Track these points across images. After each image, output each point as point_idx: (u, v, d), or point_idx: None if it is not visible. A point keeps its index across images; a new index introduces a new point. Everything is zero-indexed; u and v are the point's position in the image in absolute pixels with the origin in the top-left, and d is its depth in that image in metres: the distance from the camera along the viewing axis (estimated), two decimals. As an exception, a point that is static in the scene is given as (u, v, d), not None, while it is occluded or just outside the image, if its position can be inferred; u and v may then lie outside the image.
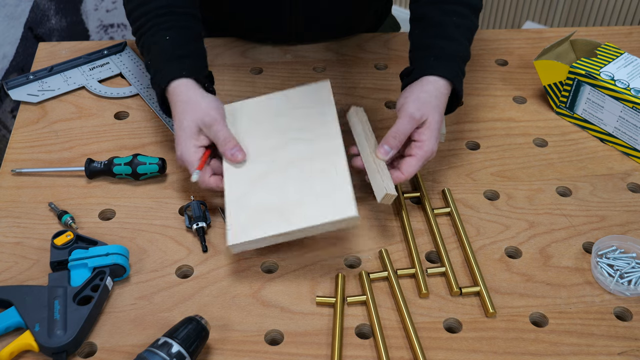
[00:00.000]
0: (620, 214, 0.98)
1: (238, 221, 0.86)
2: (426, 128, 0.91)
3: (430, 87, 0.93)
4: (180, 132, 0.92)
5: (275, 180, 0.89)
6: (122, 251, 0.88)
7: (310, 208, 0.85)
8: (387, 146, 0.90)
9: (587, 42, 1.16)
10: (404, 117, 0.91)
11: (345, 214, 0.83)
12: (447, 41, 0.97)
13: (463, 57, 0.99)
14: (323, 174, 0.88)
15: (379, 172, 0.89)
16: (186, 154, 0.91)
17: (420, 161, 0.91)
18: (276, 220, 0.85)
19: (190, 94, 0.94)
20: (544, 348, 0.82)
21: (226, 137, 0.92)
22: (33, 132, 1.08)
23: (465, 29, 1.00)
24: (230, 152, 0.91)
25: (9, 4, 1.37)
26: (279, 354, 0.81)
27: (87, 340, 0.82)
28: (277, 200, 0.87)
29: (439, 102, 0.93)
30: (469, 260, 0.91)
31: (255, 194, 0.89)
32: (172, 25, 0.99)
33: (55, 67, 1.18)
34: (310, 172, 0.89)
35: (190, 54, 0.98)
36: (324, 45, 1.26)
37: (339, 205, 0.84)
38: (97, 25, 1.74)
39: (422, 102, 0.91)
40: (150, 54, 0.99)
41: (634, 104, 1.03)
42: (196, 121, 0.92)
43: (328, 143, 0.91)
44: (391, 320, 0.85)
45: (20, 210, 0.96)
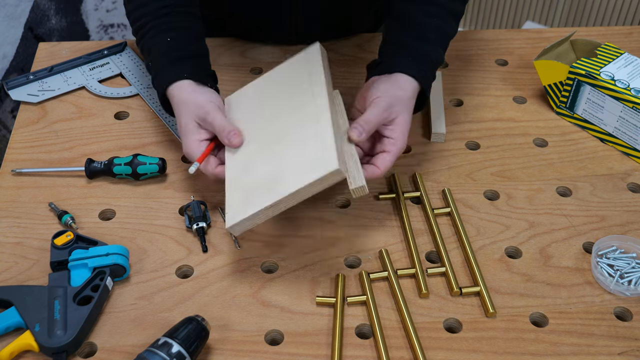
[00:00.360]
0: (620, 214, 0.98)
1: (234, 203, 0.87)
2: (397, 125, 0.91)
3: (406, 86, 0.93)
4: (182, 131, 0.93)
5: (265, 157, 0.89)
6: (122, 251, 0.88)
7: (295, 173, 0.84)
8: (360, 127, 0.89)
9: (587, 42, 1.16)
10: (377, 108, 0.90)
11: (326, 169, 0.81)
12: (423, 43, 0.97)
13: (436, 61, 0.98)
14: (307, 138, 0.87)
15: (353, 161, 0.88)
16: (189, 149, 0.92)
17: (394, 157, 0.90)
18: (266, 193, 0.84)
19: (185, 94, 0.94)
20: (544, 348, 0.82)
21: (221, 124, 0.92)
22: (33, 132, 1.08)
23: (443, 34, 0.99)
24: (227, 138, 0.91)
25: (9, 4, 1.37)
26: (279, 354, 0.81)
27: (87, 340, 0.82)
28: (267, 174, 0.87)
29: (411, 102, 0.94)
30: (469, 260, 0.91)
31: (248, 174, 0.89)
32: (173, 26, 0.99)
33: (55, 67, 1.18)
34: (296, 139, 0.88)
35: (191, 55, 0.99)
36: (324, 45, 1.26)
37: (320, 162, 0.82)
38: (97, 25, 1.74)
39: (398, 100, 0.91)
40: (151, 55, 0.99)
41: (634, 104, 1.03)
42: (192, 117, 0.93)
43: (314, 106, 0.90)
44: (391, 320, 0.85)
45: (20, 210, 0.96)
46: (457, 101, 1.16)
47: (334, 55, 1.24)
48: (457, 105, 1.15)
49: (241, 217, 0.84)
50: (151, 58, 0.99)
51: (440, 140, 1.08)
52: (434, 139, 1.08)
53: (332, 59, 1.23)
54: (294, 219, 0.96)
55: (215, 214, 0.96)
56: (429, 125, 1.10)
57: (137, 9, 1.01)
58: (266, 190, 0.85)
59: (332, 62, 1.22)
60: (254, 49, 1.25)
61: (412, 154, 1.06)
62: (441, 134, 1.08)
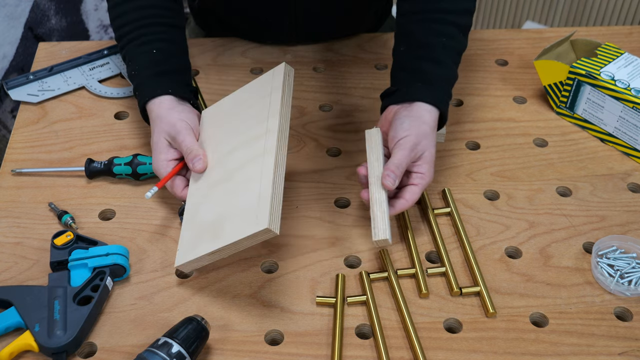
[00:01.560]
0: (621, 214, 0.98)
1: (184, 242, 0.86)
2: (425, 161, 0.90)
3: (428, 118, 0.91)
4: (153, 148, 0.93)
5: (219, 192, 0.86)
6: (122, 251, 0.87)
7: (233, 223, 0.81)
8: (394, 175, 0.87)
9: (587, 42, 1.16)
10: (405, 150, 0.88)
11: (256, 227, 0.77)
12: (434, 65, 0.94)
13: (451, 81, 0.97)
14: (250, 183, 0.82)
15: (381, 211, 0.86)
16: (157, 168, 0.92)
17: (422, 189, 0.90)
18: (209, 239, 0.82)
19: (162, 110, 0.94)
20: (544, 348, 0.82)
21: (188, 147, 0.90)
22: (33, 132, 1.08)
23: (453, 51, 0.97)
24: (192, 163, 0.90)
25: (9, 4, 1.37)
26: (279, 354, 0.81)
27: (87, 341, 0.82)
28: (214, 218, 0.84)
29: (434, 133, 0.92)
30: (469, 260, 0.91)
31: (202, 208, 0.87)
32: (158, 38, 0.99)
33: (55, 67, 1.18)
34: (243, 181, 0.84)
35: (175, 69, 0.99)
36: (324, 45, 1.26)
37: (254, 217, 0.78)
38: (97, 25, 1.74)
39: (423, 136, 0.90)
40: (135, 65, 0.99)
41: (634, 104, 1.03)
42: (163, 135, 0.92)
43: (265, 142, 0.85)
44: (391, 320, 0.85)
45: (20, 210, 0.96)
46: (457, 101, 1.16)
47: (334, 55, 1.24)
48: (457, 105, 1.15)
49: (188, 259, 0.84)
50: (134, 68, 0.99)
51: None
52: (434, 139, 1.08)
53: (332, 59, 1.23)
54: (294, 219, 0.96)
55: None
56: (429, 125, 1.10)
57: (122, 16, 1.00)
58: (211, 235, 0.83)
59: (332, 62, 1.23)
60: (254, 49, 1.25)
61: (412, 154, 1.06)
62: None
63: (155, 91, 0.95)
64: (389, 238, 0.84)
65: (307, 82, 1.18)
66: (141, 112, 0.98)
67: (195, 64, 1.20)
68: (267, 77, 0.92)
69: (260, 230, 0.77)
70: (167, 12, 1.01)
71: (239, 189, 0.84)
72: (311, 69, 1.21)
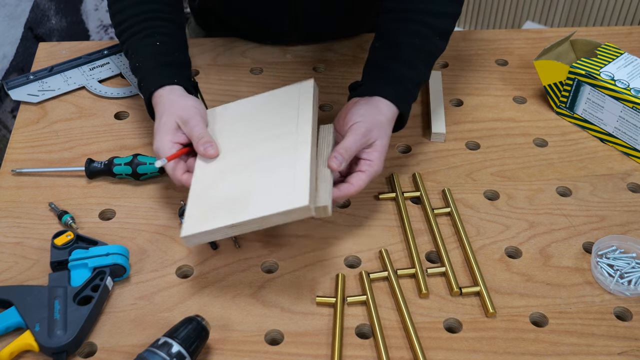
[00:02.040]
0: (620, 214, 0.98)
1: (194, 214, 0.85)
2: (375, 150, 0.90)
3: (385, 110, 0.93)
4: (158, 127, 0.92)
5: (238, 175, 0.88)
6: (122, 251, 0.88)
7: (263, 199, 0.83)
8: (341, 157, 0.88)
9: (587, 42, 1.16)
10: (356, 135, 0.89)
11: (295, 203, 0.79)
12: (401, 64, 0.96)
13: (416, 81, 0.97)
14: (283, 167, 0.85)
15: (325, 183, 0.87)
16: (161, 148, 0.90)
17: (369, 177, 0.90)
18: (229, 212, 0.83)
19: (172, 96, 0.94)
20: (544, 348, 0.82)
21: (200, 133, 0.91)
22: (33, 132, 1.08)
23: (425, 53, 0.98)
24: (203, 147, 0.90)
25: (9, 4, 1.37)
26: (279, 354, 0.81)
27: (87, 340, 0.82)
28: (234, 193, 0.85)
29: (389, 126, 0.93)
30: (469, 260, 0.91)
31: (216, 188, 0.87)
32: (159, 32, 0.99)
33: (55, 67, 1.18)
34: (273, 166, 0.87)
35: (178, 63, 0.99)
36: (324, 45, 1.26)
37: (292, 195, 0.81)
38: (97, 25, 1.74)
39: (376, 124, 0.91)
40: (138, 57, 0.98)
41: (634, 104, 1.03)
42: (174, 117, 0.92)
43: (296, 138, 0.89)
44: (391, 320, 0.85)
45: (20, 210, 0.96)
46: (457, 101, 1.16)
47: (334, 55, 1.24)
48: (457, 105, 1.15)
49: (198, 230, 0.82)
50: (138, 60, 0.98)
51: (440, 140, 1.08)
52: (434, 139, 1.08)
53: (332, 59, 1.23)
54: (294, 219, 0.96)
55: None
56: (429, 125, 1.10)
57: (123, 11, 1.01)
58: (229, 209, 0.83)
59: (332, 62, 1.23)
60: (254, 49, 1.25)
61: (412, 154, 1.06)
62: (441, 134, 1.08)
63: (163, 80, 0.95)
64: (328, 205, 0.83)
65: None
66: (147, 103, 0.97)
67: (195, 64, 1.21)
68: (292, 88, 0.96)
69: (299, 207, 0.79)
70: (168, 7, 1.02)
71: (268, 172, 0.86)
72: (311, 69, 1.21)
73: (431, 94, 1.15)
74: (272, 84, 1.17)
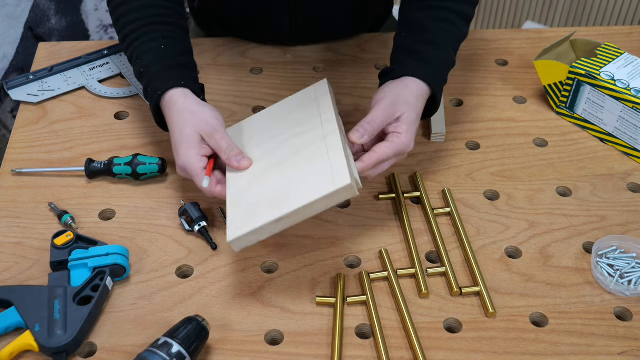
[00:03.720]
0: (621, 214, 0.98)
1: (236, 219, 0.84)
2: (403, 122, 0.89)
3: (412, 87, 0.93)
4: (181, 142, 0.89)
5: (272, 175, 0.88)
6: (122, 251, 0.88)
7: (303, 188, 0.82)
8: (363, 129, 0.87)
9: (587, 42, 1.16)
10: (380, 108, 0.89)
11: (337, 184, 0.80)
12: (432, 47, 0.97)
13: (447, 64, 0.98)
14: (317, 156, 0.86)
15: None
16: (190, 164, 0.88)
17: (394, 148, 0.88)
18: (272, 208, 0.83)
19: (189, 103, 0.91)
20: (544, 348, 0.82)
21: (229, 145, 0.89)
22: (33, 132, 1.08)
23: (452, 37, 0.99)
24: (236, 160, 0.89)
25: (9, 4, 1.37)
26: (279, 354, 0.81)
27: (87, 340, 0.82)
28: (273, 191, 0.85)
29: (418, 103, 0.92)
30: (469, 260, 0.91)
31: (253, 192, 0.87)
32: (165, 36, 0.97)
33: (55, 67, 1.18)
34: (305, 158, 0.87)
35: (186, 65, 0.98)
36: (324, 45, 1.26)
37: (331, 178, 0.81)
38: (97, 25, 1.74)
39: (401, 98, 0.91)
40: (143, 61, 0.96)
41: (634, 104, 1.03)
42: (198, 130, 0.89)
43: (323, 129, 0.89)
44: (391, 320, 0.85)
45: (20, 210, 0.96)
46: (457, 101, 1.16)
47: (334, 55, 1.24)
48: (457, 105, 1.15)
49: (244, 232, 0.82)
50: (144, 64, 0.96)
51: (440, 140, 1.08)
52: (434, 139, 1.08)
53: (332, 59, 1.23)
54: (294, 219, 0.96)
55: (214, 213, 0.96)
56: (429, 125, 1.10)
57: (125, 15, 0.99)
58: (272, 205, 0.83)
59: (332, 62, 1.23)
60: (254, 49, 1.25)
61: (412, 154, 1.06)
62: (441, 134, 1.08)
63: (170, 83, 0.92)
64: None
65: (307, 82, 1.18)
66: (156, 108, 0.94)
67: (195, 64, 1.20)
68: (307, 91, 0.97)
69: (342, 186, 0.79)
70: (170, 11, 1.00)
71: (302, 164, 0.86)
72: (311, 69, 1.21)
73: (431, 94, 1.15)
74: (272, 84, 1.17)
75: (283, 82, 1.18)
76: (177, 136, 0.90)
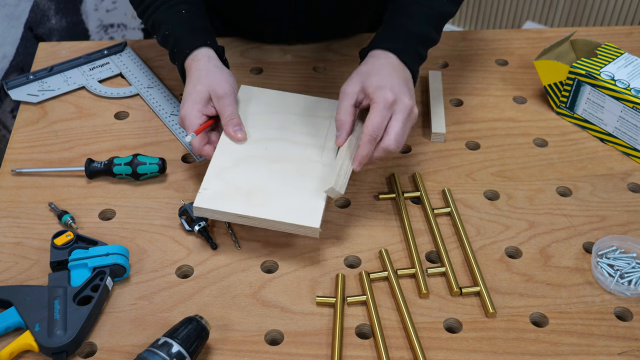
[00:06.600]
0: (621, 214, 0.98)
1: (211, 188, 0.88)
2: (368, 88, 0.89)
3: (368, 60, 0.93)
4: (190, 95, 0.93)
5: (261, 167, 0.91)
6: (122, 251, 0.88)
7: (279, 203, 0.87)
8: (337, 131, 0.91)
9: (587, 42, 1.16)
10: (340, 96, 0.91)
11: (308, 222, 0.85)
12: (404, 19, 0.97)
13: (418, 35, 0.96)
14: (306, 180, 0.90)
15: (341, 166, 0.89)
16: (189, 117, 0.92)
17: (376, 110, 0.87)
18: (244, 203, 0.87)
19: (210, 64, 0.95)
20: (544, 348, 0.82)
21: (232, 113, 0.93)
22: (33, 132, 1.08)
23: (433, 13, 0.98)
24: (233, 129, 0.93)
25: (9, 4, 1.37)
26: (279, 354, 0.81)
27: (87, 340, 0.82)
28: (254, 184, 0.89)
29: (377, 68, 0.91)
30: (469, 260, 0.91)
31: (237, 171, 0.90)
32: (184, 1, 1.01)
33: (55, 67, 1.18)
34: (296, 172, 0.91)
35: (206, 27, 1.01)
36: (324, 45, 1.26)
37: (306, 213, 0.86)
38: (97, 25, 1.74)
39: (354, 75, 0.92)
40: (168, 25, 1.00)
41: (634, 104, 1.03)
42: (208, 88, 0.93)
43: (323, 154, 0.93)
44: (391, 320, 0.85)
45: (20, 210, 0.96)
46: (457, 101, 1.16)
47: (334, 55, 1.24)
48: (457, 105, 1.15)
49: (211, 207, 0.86)
50: (168, 28, 0.99)
51: (440, 140, 1.08)
52: (434, 139, 1.08)
53: (332, 59, 1.23)
54: (294, 219, 0.96)
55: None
56: (429, 125, 1.10)
57: None
58: (246, 199, 0.87)
59: (332, 62, 1.22)
60: (254, 49, 1.25)
61: (412, 154, 1.06)
62: (441, 134, 1.08)
63: (196, 42, 0.97)
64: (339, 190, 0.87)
65: (307, 82, 1.18)
66: (180, 68, 0.98)
67: (195, 64, 1.20)
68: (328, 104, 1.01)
69: (311, 227, 0.85)
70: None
71: (291, 177, 0.90)
72: (311, 69, 1.21)
73: (431, 94, 1.15)
74: (272, 84, 1.17)
75: (283, 82, 1.18)
76: (189, 89, 0.94)
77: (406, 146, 1.08)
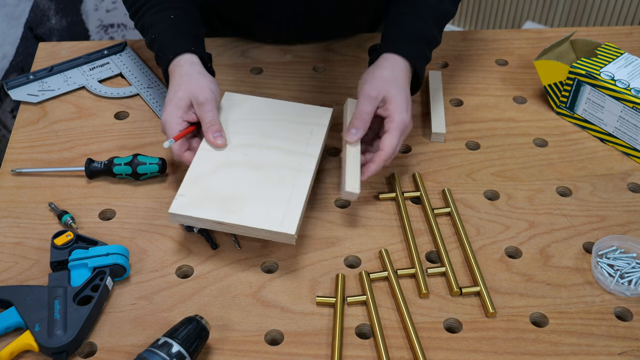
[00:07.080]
0: (621, 214, 0.98)
1: (187, 194, 0.88)
2: (389, 103, 0.93)
3: (386, 64, 0.95)
4: (171, 100, 0.94)
5: (240, 173, 0.91)
6: (122, 251, 0.88)
7: (254, 210, 0.87)
8: (354, 129, 0.92)
9: (587, 42, 1.16)
10: (361, 97, 0.93)
11: (283, 229, 0.85)
12: (414, 20, 0.98)
13: (427, 39, 1.00)
14: (282, 186, 0.90)
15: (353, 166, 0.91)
16: (169, 123, 0.93)
17: (395, 133, 0.92)
18: (221, 209, 0.87)
19: (192, 70, 0.96)
20: (544, 348, 0.82)
21: (212, 119, 0.93)
22: (33, 132, 1.08)
23: (439, 14, 1.01)
24: (213, 135, 0.93)
25: (9, 4, 1.37)
26: (279, 354, 0.81)
27: (87, 340, 0.82)
28: (232, 190, 0.89)
29: (396, 77, 0.95)
30: (469, 260, 0.91)
31: (216, 178, 0.90)
32: (173, 6, 1.01)
33: (55, 67, 1.18)
34: (273, 179, 0.91)
35: (194, 34, 1.01)
36: (324, 45, 1.26)
37: (282, 219, 0.86)
38: (97, 25, 1.74)
39: (377, 80, 0.93)
40: (154, 29, 1.00)
41: (634, 104, 1.03)
42: (189, 95, 0.93)
43: (302, 161, 0.93)
44: (391, 320, 0.85)
45: (20, 210, 0.96)
46: (457, 101, 1.16)
47: (334, 55, 1.24)
48: (457, 105, 1.15)
49: (187, 213, 0.86)
50: (155, 32, 1.00)
51: (440, 140, 1.08)
52: (434, 139, 1.08)
53: (332, 59, 1.23)
54: (294, 219, 0.96)
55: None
56: (429, 125, 1.10)
57: None
58: (222, 206, 0.87)
59: (332, 62, 1.23)
60: (254, 49, 1.25)
61: (412, 154, 1.06)
62: (441, 134, 1.08)
63: (179, 49, 0.97)
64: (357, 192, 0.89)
65: (307, 82, 1.18)
66: (164, 73, 0.99)
67: (195, 64, 1.20)
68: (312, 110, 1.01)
69: (286, 233, 0.84)
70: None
71: (268, 184, 0.90)
72: (311, 69, 1.21)
73: (431, 94, 1.15)
74: (272, 84, 1.17)
75: (283, 82, 1.18)
76: (170, 95, 0.95)
77: (406, 146, 1.08)
